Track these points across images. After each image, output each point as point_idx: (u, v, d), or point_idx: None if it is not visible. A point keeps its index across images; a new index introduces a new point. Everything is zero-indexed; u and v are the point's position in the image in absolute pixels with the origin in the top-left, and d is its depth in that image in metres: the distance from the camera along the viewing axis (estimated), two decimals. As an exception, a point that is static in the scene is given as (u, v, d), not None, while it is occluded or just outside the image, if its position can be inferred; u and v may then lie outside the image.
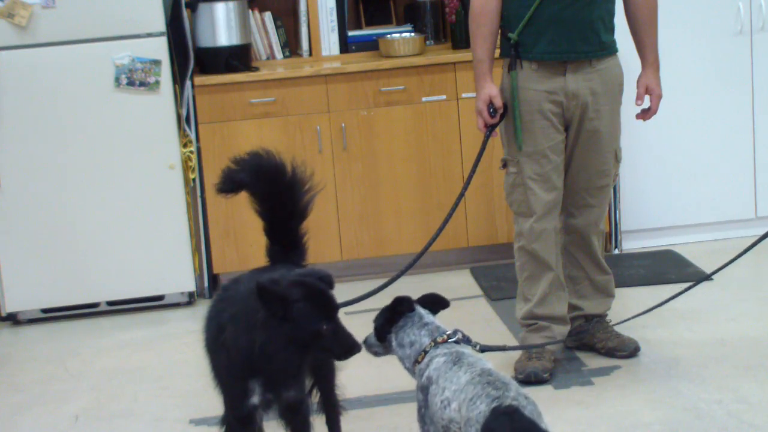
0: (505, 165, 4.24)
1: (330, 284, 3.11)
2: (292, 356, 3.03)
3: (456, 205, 4.27)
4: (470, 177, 4.29)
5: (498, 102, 4.11)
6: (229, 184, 3.50)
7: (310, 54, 5.75)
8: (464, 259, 5.70)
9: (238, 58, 5.50)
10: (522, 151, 4.13)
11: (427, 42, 5.82)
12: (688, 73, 5.63)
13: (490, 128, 4.18)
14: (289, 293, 2.97)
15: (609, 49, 4.14)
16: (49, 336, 5.21)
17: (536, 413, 2.73)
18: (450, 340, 3.05)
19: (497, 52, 4.18)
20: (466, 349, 3.03)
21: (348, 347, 3.05)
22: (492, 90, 4.11)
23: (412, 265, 4.25)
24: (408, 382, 4.20)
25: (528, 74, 4.10)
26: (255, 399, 3.14)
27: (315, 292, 3.03)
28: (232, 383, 3.16)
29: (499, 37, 4.16)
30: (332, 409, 3.55)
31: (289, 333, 2.97)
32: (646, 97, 4.23)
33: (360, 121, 5.47)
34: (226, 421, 3.30)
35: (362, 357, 3.18)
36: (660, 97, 4.23)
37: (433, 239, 4.27)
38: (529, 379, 4.10)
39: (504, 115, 4.16)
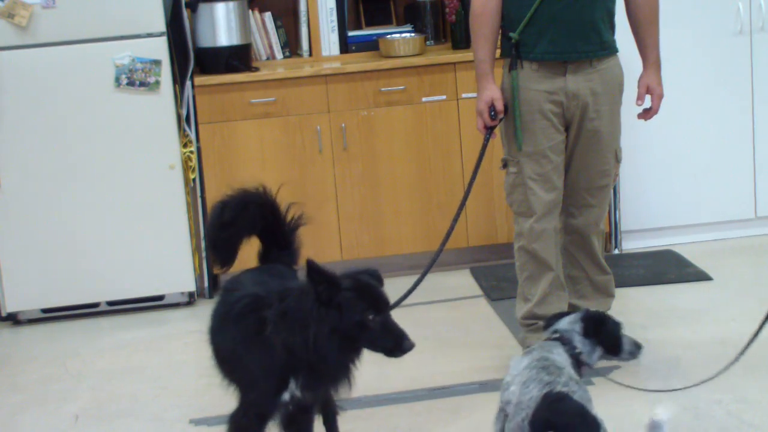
0: (505, 165, 4.25)
1: (379, 280, 3.09)
2: (338, 349, 2.97)
3: (461, 207, 4.27)
4: (472, 179, 4.28)
5: (500, 106, 4.11)
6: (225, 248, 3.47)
7: (310, 54, 5.75)
8: (464, 259, 5.70)
9: (238, 58, 5.50)
10: (522, 151, 4.13)
11: (427, 42, 5.82)
12: (688, 73, 5.63)
13: (489, 130, 4.19)
14: (338, 280, 2.95)
15: (610, 48, 4.14)
16: (49, 336, 5.21)
17: (586, 398, 2.86)
18: (544, 338, 3.14)
19: (498, 52, 4.18)
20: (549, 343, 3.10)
21: (397, 342, 2.99)
22: (495, 92, 4.11)
23: (432, 265, 4.24)
24: (408, 383, 4.21)
25: (528, 74, 4.10)
26: (286, 396, 3.10)
27: (364, 285, 3.00)
28: (269, 380, 3.08)
29: (499, 36, 4.17)
30: (329, 410, 3.55)
31: (335, 323, 2.93)
32: (647, 97, 4.23)
33: (360, 121, 5.48)
34: (238, 419, 3.20)
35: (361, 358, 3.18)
36: (661, 96, 4.23)
37: (445, 240, 4.26)
38: (529, 379, 4.10)
39: (503, 118, 4.16)
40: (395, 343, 2.99)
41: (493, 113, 4.14)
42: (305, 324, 2.94)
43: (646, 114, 4.28)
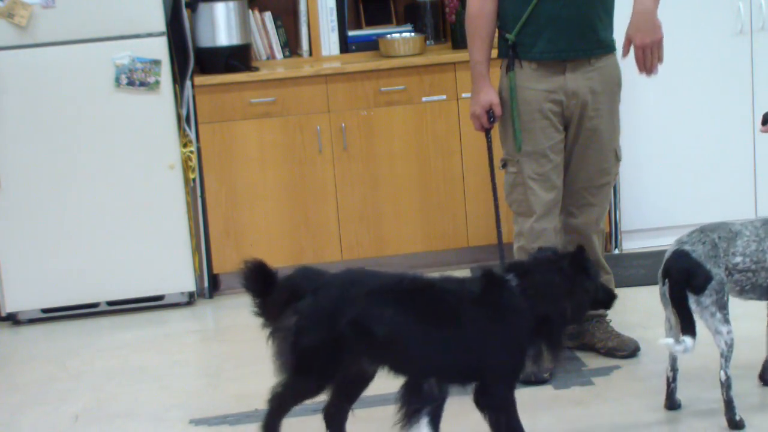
0: (504, 165, 4.25)
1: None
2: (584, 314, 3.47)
3: (497, 208, 4.34)
4: (493, 179, 4.29)
5: (498, 110, 4.12)
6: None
7: (310, 54, 5.75)
8: (464, 259, 5.70)
9: (238, 58, 5.50)
10: (521, 151, 4.13)
11: (427, 42, 5.82)
12: (688, 73, 5.63)
13: (486, 131, 4.21)
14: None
15: (608, 47, 4.14)
16: (49, 336, 5.21)
17: (705, 255, 3.55)
18: None
19: (495, 52, 4.19)
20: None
21: (612, 293, 3.54)
22: (493, 96, 4.11)
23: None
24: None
25: (527, 74, 4.10)
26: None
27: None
28: (521, 351, 3.29)
29: (497, 37, 4.17)
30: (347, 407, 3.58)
31: (591, 290, 3.35)
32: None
33: (360, 121, 5.47)
34: (510, 397, 3.33)
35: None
36: (647, 43, 3.98)
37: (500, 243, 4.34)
38: (529, 379, 4.09)
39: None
40: (612, 295, 3.54)
41: (491, 118, 4.15)
42: (561, 294, 3.29)
43: (644, 67, 4.06)
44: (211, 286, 5.56)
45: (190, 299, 5.47)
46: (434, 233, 5.57)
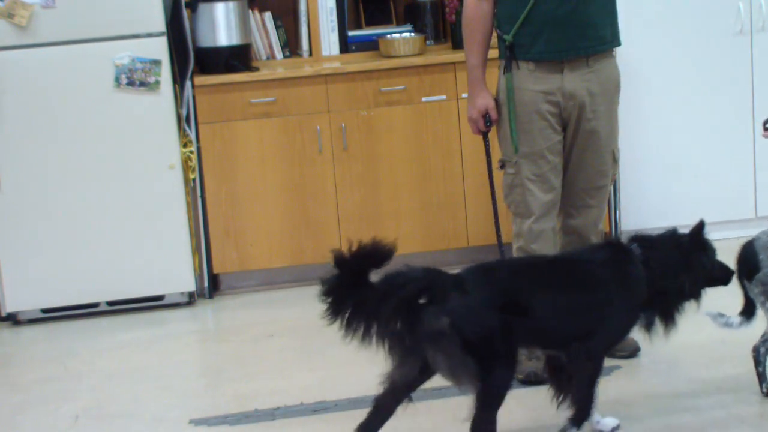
0: (503, 165, 4.25)
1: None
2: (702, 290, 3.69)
3: (495, 211, 4.40)
4: (491, 180, 4.31)
5: (494, 115, 4.13)
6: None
7: (310, 54, 5.75)
8: (464, 259, 5.69)
9: (238, 58, 5.50)
10: (519, 152, 4.13)
11: (427, 42, 5.82)
12: (688, 73, 5.62)
13: (483, 135, 4.22)
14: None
15: (609, 43, 4.12)
16: (49, 336, 5.22)
17: (764, 246, 3.73)
18: None
19: (496, 52, 4.19)
20: None
21: (731, 271, 3.75)
22: (489, 101, 4.12)
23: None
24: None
25: (524, 75, 4.09)
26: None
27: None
28: (633, 318, 3.59)
29: (497, 38, 4.17)
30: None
31: (708, 267, 3.66)
32: None
33: (360, 121, 5.48)
34: (600, 354, 3.55)
35: (362, 358, 3.16)
36: None
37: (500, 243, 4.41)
38: (529, 379, 4.09)
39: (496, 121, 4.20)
40: (730, 272, 3.75)
41: (488, 122, 4.15)
42: (681, 270, 3.59)
43: None
44: (211, 286, 5.56)
45: (190, 299, 5.47)
46: (434, 233, 5.57)
